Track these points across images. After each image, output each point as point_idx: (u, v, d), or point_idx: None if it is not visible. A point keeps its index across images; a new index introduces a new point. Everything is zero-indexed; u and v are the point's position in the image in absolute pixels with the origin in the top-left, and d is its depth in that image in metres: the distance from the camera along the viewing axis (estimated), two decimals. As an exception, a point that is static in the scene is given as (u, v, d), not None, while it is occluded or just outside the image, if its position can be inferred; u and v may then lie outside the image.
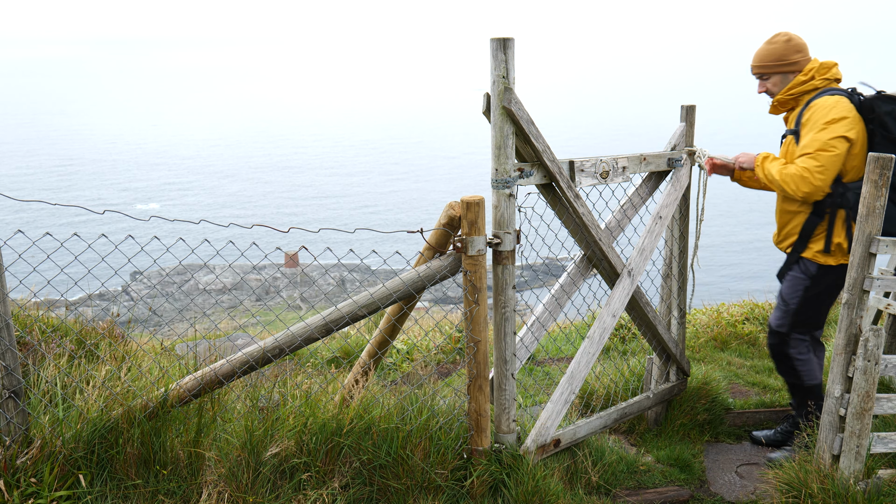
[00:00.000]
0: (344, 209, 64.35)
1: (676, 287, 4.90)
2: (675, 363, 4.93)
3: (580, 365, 4.18)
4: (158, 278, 36.84)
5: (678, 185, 4.62)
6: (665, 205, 4.57)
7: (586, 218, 4.03)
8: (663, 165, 4.55)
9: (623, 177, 4.28)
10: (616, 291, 4.33)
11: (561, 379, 4.17)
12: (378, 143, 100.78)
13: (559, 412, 4.06)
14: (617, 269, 4.30)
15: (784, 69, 4.30)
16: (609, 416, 4.49)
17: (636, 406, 4.70)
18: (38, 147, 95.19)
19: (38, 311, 5.03)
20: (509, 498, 3.64)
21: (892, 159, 3.52)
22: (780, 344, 4.46)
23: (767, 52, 4.35)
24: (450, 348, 6.84)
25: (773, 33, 4.47)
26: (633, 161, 4.35)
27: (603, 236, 4.18)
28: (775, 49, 4.32)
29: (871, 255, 3.62)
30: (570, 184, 3.92)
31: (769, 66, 4.34)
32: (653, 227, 4.51)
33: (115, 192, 70.63)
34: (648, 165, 4.45)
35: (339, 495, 3.49)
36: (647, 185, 4.65)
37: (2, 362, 3.25)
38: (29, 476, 3.19)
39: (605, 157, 4.17)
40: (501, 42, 3.43)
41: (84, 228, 48.75)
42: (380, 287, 3.71)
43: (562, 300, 4.31)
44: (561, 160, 3.91)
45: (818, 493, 3.59)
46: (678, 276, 4.88)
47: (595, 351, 4.24)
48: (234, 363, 3.66)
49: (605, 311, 4.31)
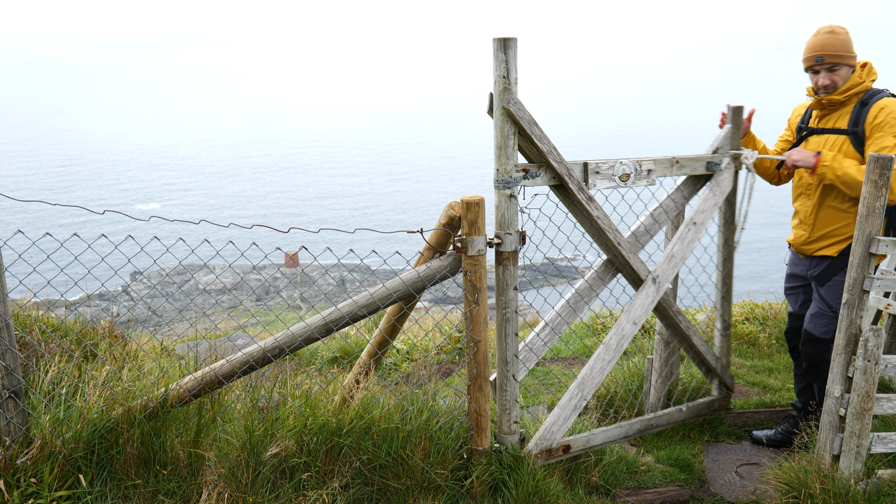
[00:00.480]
0: (344, 209, 64.34)
1: (720, 297, 4.70)
2: (716, 377, 4.71)
3: (593, 371, 4.03)
4: (158, 278, 36.81)
5: (718, 191, 4.38)
6: (701, 210, 4.33)
7: (601, 221, 3.89)
8: (700, 169, 4.31)
9: (648, 180, 4.08)
10: (638, 298, 4.14)
11: (571, 384, 4.07)
12: (379, 144, 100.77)
13: (567, 418, 3.96)
14: (640, 276, 4.12)
15: (851, 62, 4.11)
16: (631, 426, 4.31)
17: (665, 419, 4.51)
18: (38, 147, 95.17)
19: (38, 311, 5.03)
20: (509, 498, 3.64)
21: (893, 159, 3.53)
22: (823, 351, 4.22)
23: (839, 42, 4.07)
24: (450, 348, 6.84)
25: (824, 25, 4.18)
26: (662, 164, 4.14)
27: (622, 241, 4.01)
28: (844, 40, 4.07)
29: (871, 255, 3.61)
30: (582, 186, 3.80)
31: (842, 57, 4.08)
32: (685, 234, 4.30)
33: (115, 192, 70.60)
34: (682, 169, 4.23)
35: (339, 495, 3.49)
36: (682, 190, 4.42)
37: (2, 362, 3.25)
38: (29, 476, 3.19)
39: (625, 159, 3.99)
40: (502, 42, 3.43)
41: (84, 228, 48.72)
42: (380, 287, 3.71)
43: (578, 307, 4.14)
44: (572, 162, 3.80)
45: (818, 494, 3.58)
46: (721, 285, 4.68)
47: (611, 359, 4.08)
48: (234, 363, 3.66)
49: (625, 318, 4.11)
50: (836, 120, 4.19)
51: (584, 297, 4.15)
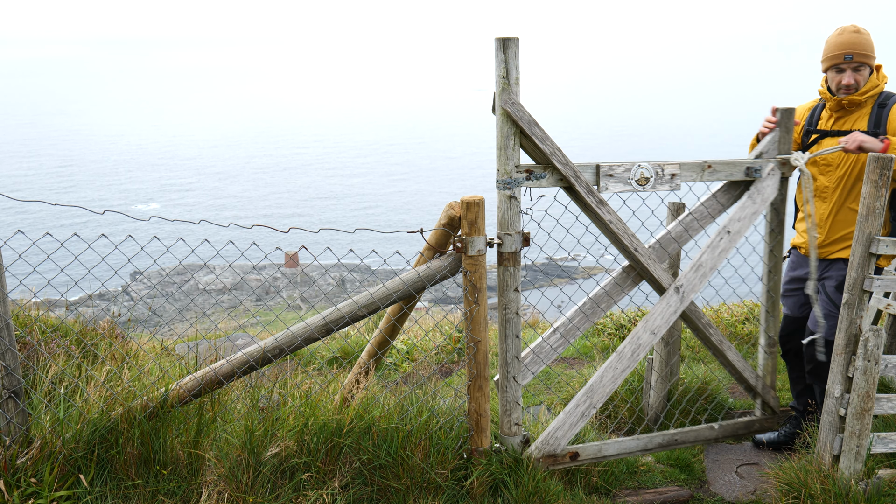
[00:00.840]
0: (345, 210, 64.35)
1: (764, 311, 4.40)
2: (758, 396, 4.44)
3: (603, 380, 3.89)
4: (158, 278, 36.81)
5: (759, 198, 4.10)
6: (737, 219, 4.06)
7: (614, 226, 3.75)
8: (738, 175, 4.03)
9: (671, 185, 3.87)
10: (658, 307, 3.96)
11: (572, 384, 4.01)
12: (379, 144, 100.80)
13: (573, 425, 3.87)
14: (663, 285, 3.95)
15: (873, 64, 4.07)
16: (651, 439, 4.13)
17: (692, 435, 4.26)
18: (38, 147, 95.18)
19: (38, 311, 5.03)
20: (509, 498, 3.64)
21: (893, 160, 3.53)
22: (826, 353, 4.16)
23: (867, 42, 4.01)
24: (450, 348, 6.84)
25: (846, 25, 4.12)
26: (690, 168, 3.91)
27: (640, 246, 3.84)
28: (870, 41, 4.01)
29: (871, 255, 3.62)
30: (592, 189, 3.67)
31: (869, 57, 4.01)
32: (716, 243, 4.05)
33: (115, 192, 70.62)
34: (715, 174, 3.97)
35: (339, 495, 3.49)
36: (718, 197, 4.15)
37: (2, 362, 3.25)
38: (29, 476, 3.20)
39: (644, 161, 3.82)
40: (502, 42, 3.42)
41: (84, 229, 48.75)
42: (380, 287, 3.71)
43: (594, 313, 3.97)
44: (583, 164, 3.69)
45: (818, 494, 3.58)
46: (766, 299, 4.39)
47: (625, 368, 3.93)
48: (234, 363, 3.66)
49: (642, 327, 3.93)
50: (854, 122, 4.14)
51: (600, 304, 3.97)
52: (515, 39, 3.44)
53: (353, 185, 75.82)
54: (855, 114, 4.15)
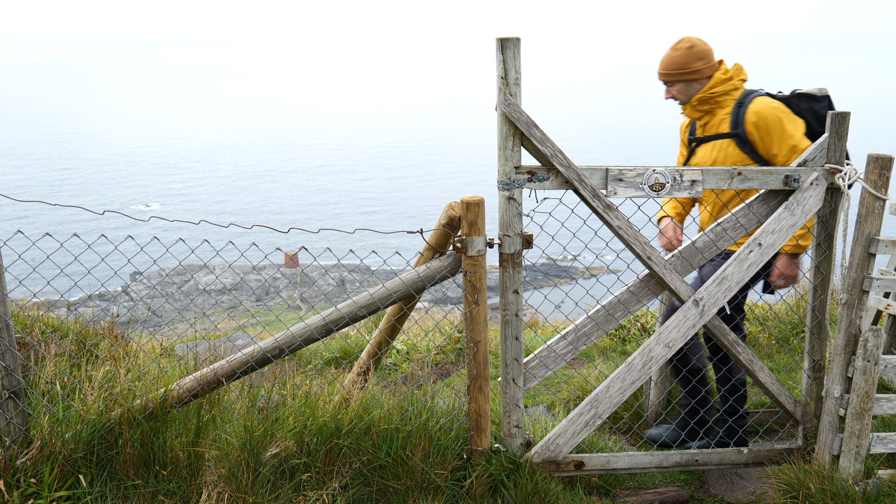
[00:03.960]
0: (345, 210, 64.38)
1: (808, 333, 3.99)
2: (798, 424, 4.05)
3: (610, 391, 3.76)
4: (158, 279, 36.82)
5: (798, 210, 3.73)
6: (770, 231, 3.73)
7: (624, 232, 3.59)
8: (776, 184, 3.70)
9: (691, 192, 3.63)
10: (674, 319, 3.75)
11: (572, 384, 3.92)
12: (381, 145, 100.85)
13: (576, 433, 3.78)
14: (682, 297, 3.74)
15: (687, 77, 4.22)
16: (668, 457, 3.92)
17: (716, 457, 3.99)
18: (38, 147, 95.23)
19: (38, 312, 5.04)
20: (509, 498, 3.64)
21: (892, 159, 3.53)
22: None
23: (671, 60, 4.25)
24: (450, 348, 6.84)
25: (678, 39, 4.35)
26: (715, 175, 3.66)
27: (654, 254, 3.65)
28: (678, 57, 4.22)
29: (871, 255, 3.62)
30: (598, 193, 3.53)
31: (673, 75, 4.24)
32: (744, 255, 3.75)
33: (115, 193, 70.66)
34: (746, 182, 3.67)
35: (339, 496, 3.49)
36: (753, 207, 3.82)
37: (2, 362, 3.25)
38: (29, 476, 3.20)
39: (659, 166, 3.63)
40: (501, 42, 3.41)
41: (84, 229, 48.77)
42: (380, 287, 3.71)
43: (607, 323, 3.83)
44: (590, 167, 3.56)
45: (818, 494, 3.58)
46: (811, 318, 3.97)
47: (634, 380, 3.76)
48: (234, 363, 3.66)
49: (655, 340, 3.75)
50: (718, 125, 4.26)
51: (614, 313, 3.82)
52: (515, 40, 3.42)
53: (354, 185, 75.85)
54: (717, 116, 4.25)
